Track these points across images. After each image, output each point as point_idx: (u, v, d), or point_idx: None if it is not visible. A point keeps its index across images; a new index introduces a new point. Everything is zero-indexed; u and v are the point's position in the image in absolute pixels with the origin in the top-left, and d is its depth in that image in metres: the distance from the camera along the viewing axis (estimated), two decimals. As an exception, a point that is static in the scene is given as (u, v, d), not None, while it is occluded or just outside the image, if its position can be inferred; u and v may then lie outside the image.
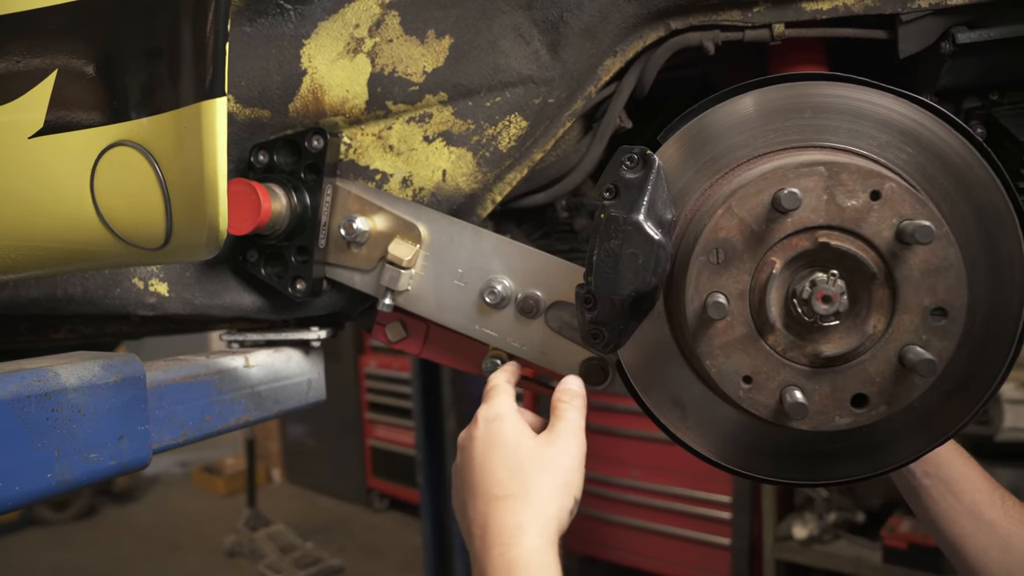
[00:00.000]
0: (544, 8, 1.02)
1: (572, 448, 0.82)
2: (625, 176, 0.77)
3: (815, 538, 3.51)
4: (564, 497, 0.79)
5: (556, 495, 0.78)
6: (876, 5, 0.98)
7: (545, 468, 0.79)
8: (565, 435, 0.83)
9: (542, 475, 0.79)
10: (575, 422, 0.85)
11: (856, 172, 0.69)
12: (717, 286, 0.72)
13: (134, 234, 0.80)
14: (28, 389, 0.78)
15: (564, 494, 0.79)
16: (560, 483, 0.79)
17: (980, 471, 0.96)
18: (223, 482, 6.30)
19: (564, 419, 0.85)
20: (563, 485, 0.79)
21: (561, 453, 0.81)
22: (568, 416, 0.85)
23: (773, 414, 0.72)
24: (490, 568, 0.73)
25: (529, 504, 0.76)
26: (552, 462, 0.80)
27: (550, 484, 0.78)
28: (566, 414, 0.86)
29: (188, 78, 0.70)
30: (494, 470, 0.81)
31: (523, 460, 0.80)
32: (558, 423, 0.85)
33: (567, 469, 0.80)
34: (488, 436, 0.84)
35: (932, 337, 0.70)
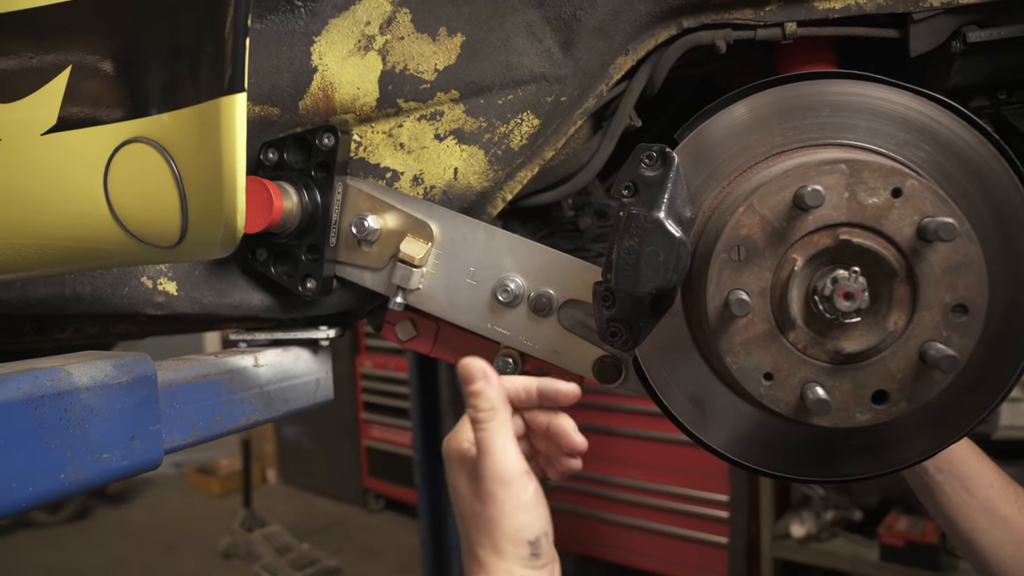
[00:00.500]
0: (557, 6, 1.02)
1: (500, 493, 0.73)
2: (644, 174, 0.77)
3: (812, 536, 3.53)
4: (512, 549, 0.73)
5: (502, 552, 0.73)
6: (888, 4, 0.99)
7: (480, 528, 0.75)
8: (487, 479, 0.74)
9: (481, 535, 0.74)
10: (498, 451, 0.75)
11: (878, 170, 0.69)
12: (738, 283, 0.72)
13: (148, 232, 0.80)
14: (41, 389, 0.77)
15: (510, 547, 0.73)
16: (501, 538, 0.73)
17: (993, 467, 0.96)
18: (218, 483, 6.27)
19: (483, 455, 0.75)
20: (504, 539, 0.73)
21: (490, 506, 0.74)
22: (485, 448, 0.75)
23: (794, 411, 0.72)
24: None
25: (481, 567, 0.74)
26: (486, 520, 0.74)
27: (491, 544, 0.73)
28: (486, 443, 0.76)
29: (207, 74, 0.69)
30: (457, 517, 0.80)
31: (467, 521, 0.77)
32: (479, 463, 0.76)
33: (502, 520, 0.73)
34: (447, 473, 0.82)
35: (953, 334, 0.70)
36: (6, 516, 0.75)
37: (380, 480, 5.88)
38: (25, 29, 0.76)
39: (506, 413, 0.78)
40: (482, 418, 0.76)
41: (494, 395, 0.77)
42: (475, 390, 0.77)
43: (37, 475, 0.76)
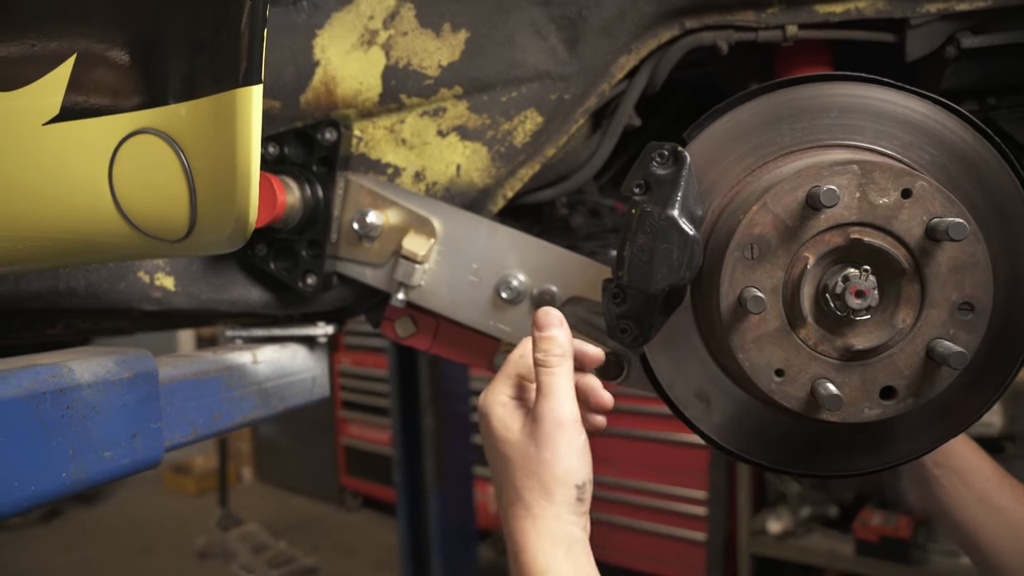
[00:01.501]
0: (562, 4, 1.02)
1: (558, 436, 0.75)
2: (656, 172, 0.78)
3: (789, 532, 3.58)
4: (562, 491, 0.75)
5: (552, 494, 0.75)
6: (887, 9, 1.01)
7: (531, 470, 0.76)
8: (546, 421, 0.76)
9: (532, 479, 0.75)
10: (560, 394, 0.77)
11: (888, 171, 0.70)
12: (751, 280, 0.73)
13: (153, 225, 0.78)
14: (43, 385, 0.75)
15: (560, 488, 0.75)
16: (552, 480, 0.75)
17: (989, 460, 0.99)
18: (193, 482, 6.18)
19: (545, 397, 0.77)
20: (556, 481, 0.75)
21: (545, 447, 0.75)
22: (550, 391, 0.77)
23: (804, 407, 0.74)
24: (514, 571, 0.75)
25: (528, 511, 0.75)
26: (539, 462, 0.75)
27: (541, 487, 0.75)
28: (550, 385, 0.78)
29: (222, 65, 0.68)
30: (495, 472, 0.81)
31: (511, 464, 0.78)
32: (539, 405, 0.78)
33: (556, 462, 0.75)
34: (483, 432, 0.83)
35: (959, 331, 0.72)
36: (7, 517, 0.73)
37: (357, 478, 5.85)
38: (28, 15, 0.74)
39: (571, 363, 0.80)
40: (552, 362, 0.79)
41: (567, 343, 0.81)
42: (551, 335, 0.80)
43: (38, 474, 0.74)
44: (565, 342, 0.80)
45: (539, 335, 0.81)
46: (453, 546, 3.95)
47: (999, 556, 0.94)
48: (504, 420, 0.80)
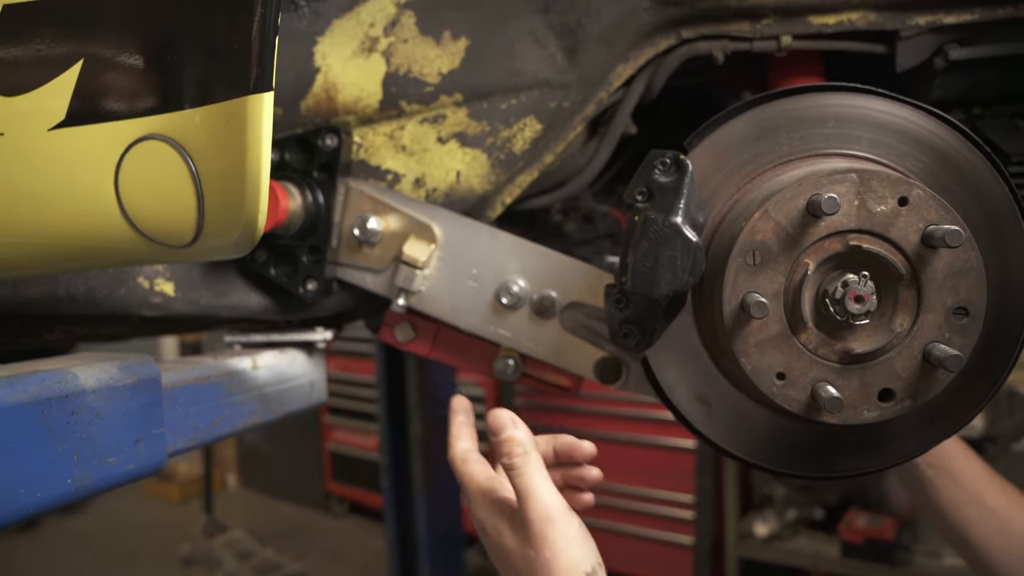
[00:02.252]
0: (561, 13, 1.04)
1: (550, 532, 0.74)
2: (658, 180, 0.79)
3: (776, 535, 3.62)
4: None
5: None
6: (878, 21, 1.03)
7: (540, 574, 0.74)
8: (534, 522, 0.74)
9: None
10: (539, 491, 0.76)
11: (886, 179, 0.72)
12: (753, 286, 0.74)
13: (160, 231, 0.78)
14: (48, 391, 0.75)
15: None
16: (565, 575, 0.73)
17: (980, 462, 1.01)
18: (176, 489, 6.12)
19: (526, 495, 0.76)
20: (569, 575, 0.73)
21: (543, 548, 0.74)
22: (527, 491, 0.76)
23: (805, 409, 0.75)
24: None
25: None
26: (541, 564, 0.73)
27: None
28: (526, 486, 0.76)
29: (232, 71, 0.69)
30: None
31: (517, 570, 0.76)
32: (522, 509, 0.76)
33: (557, 559, 0.73)
34: (485, 544, 0.82)
35: (954, 335, 0.74)
36: (12, 524, 0.72)
37: (344, 484, 5.82)
38: (35, 20, 0.74)
39: (538, 455, 0.79)
40: (517, 463, 0.77)
41: (525, 439, 0.79)
42: (507, 437, 0.79)
43: (44, 480, 0.74)
44: (524, 438, 0.79)
45: (496, 440, 0.80)
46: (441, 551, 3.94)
47: (990, 554, 0.96)
48: (497, 529, 0.79)
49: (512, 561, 0.77)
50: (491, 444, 0.81)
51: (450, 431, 0.88)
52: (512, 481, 0.78)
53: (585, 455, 0.86)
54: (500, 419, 0.81)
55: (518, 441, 0.79)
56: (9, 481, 0.70)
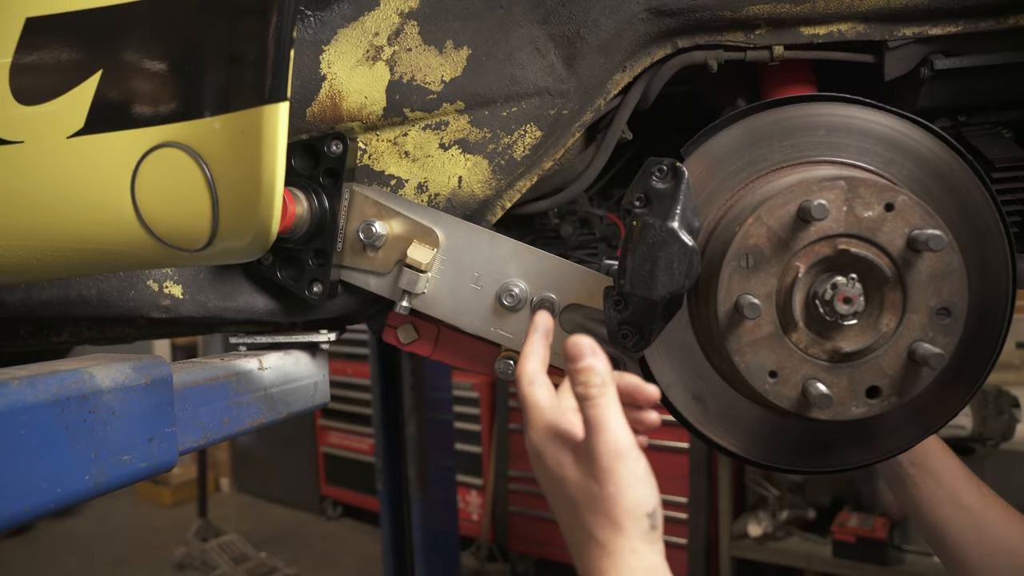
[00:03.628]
0: (561, 24, 1.07)
1: (618, 468, 0.71)
2: (655, 186, 0.82)
3: (769, 535, 3.65)
4: (634, 523, 0.71)
5: (625, 528, 0.71)
6: (866, 32, 1.07)
7: (599, 509, 0.72)
8: (604, 455, 0.72)
9: (601, 517, 0.72)
10: (612, 426, 0.72)
11: (873, 186, 0.76)
12: (747, 288, 0.78)
13: (175, 236, 0.81)
14: (67, 391, 0.77)
15: (632, 522, 0.71)
16: (623, 514, 0.71)
17: (958, 461, 1.05)
18: (169, 492, 6.11)
19: (597, 431, 0.72)
20: (626, 515, 0.71)
21: (608, 482, 0.71)
22: (600, 424, 0.73)
23: (796, 406, 0.78)
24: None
25: (603, 551, 0.71)
26: (604, 498, 0.71)
27: (612, 523, 0.71)
28: (599, 418, 0.73)
29: (248, 82, 0.71)
30: (559, 515, 0.77)
31: (576, 505, 0.74)
32: (592, 441, 0.73)
33: (622, 496, 0.71)
34: (538, 472, 0.78)
35: (938, 334, 0.77)
36: (34, 518, 0.75)
37: (338, 487, 5.82)
38: (56, 32, 0.77)
39: (614, 389, 0.75)
40: (594, 393, 0.73)
41: (605, 370, 0.75)
42: (586, 366, 0.75)
43: (63, 476, 0.76)
44: (604, 370, 0.75)
45: (575, 367, 0.76)
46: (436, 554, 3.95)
47: (964, 551, 1.00)
48: (557, 459, 0.76)
49: (571, 492, 0.74)
50: (567, 370, 0.77)
51: (524, 347, 0.85)
52: (585, 412, 0.74)
53: (648, 398, 0.81)
54: (580, 346, 0.76)
55: (597, 371, 0.74)
56: (31, 476, 0.73)
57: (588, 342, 0.77)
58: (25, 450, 0.73)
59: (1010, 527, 1.00)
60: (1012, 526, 1.00)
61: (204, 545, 4.93)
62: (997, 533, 1.00)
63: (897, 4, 1.04)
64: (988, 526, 1.01)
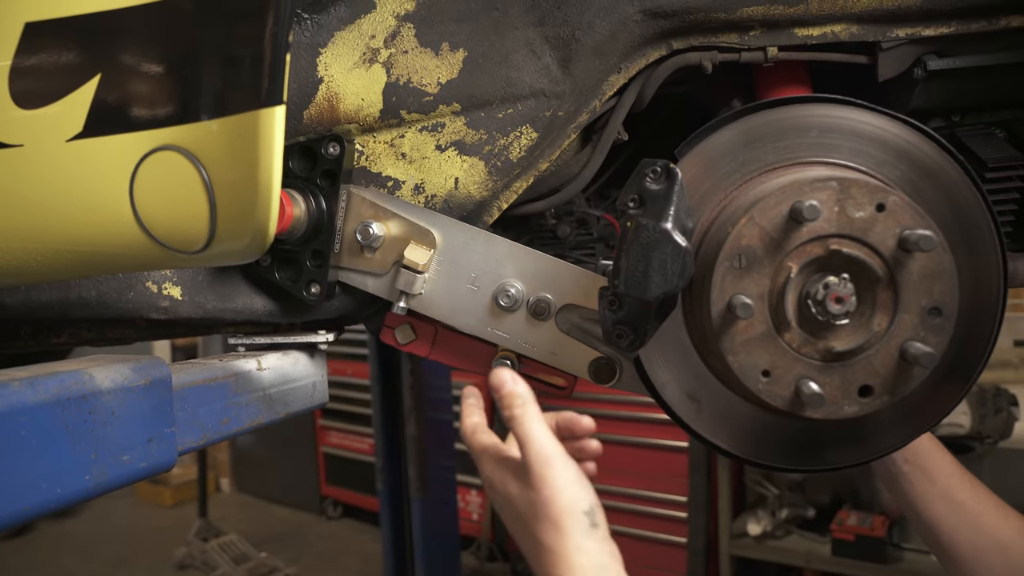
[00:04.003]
0: (556, 26, 1.07)
1: (548, 472, 0.78)
2: (649, 187, 0.83)
3: (768, 534, 3.66)
4: (573, 521, 0.76)
5: (564, 527, 0.76)
6: (860, 33, 1.08)
7: (539, 514, 0.77)
8: (534, 463, 0.78)
9: (542, 522, 0.77)
10: (537, 436, 0.80)
11: (864, 187, 0.77)
12: (740, 288, 0.78)
13: (173, 238, 0.82)
14: (67, 392, 0.78)
15: (569, 520, 0.76)
16: (560, 514, 0.76)
17: (952, 458, 1.05)
18: (170, 493, 6.12)
19: (526, 440, 0.80)
20: (563, 514, 0.76)
21: (542, 487, 0.77)
22: (527, 434, 0.80)
23: (789, 405, 0.79)
24: None
25: (551, 554, 0.75)
26: (541, 503, 0.77)
27: (553, 525, 0.76)
28: (525, 432, 0.81)
29: (244, 86, 0.72)
30: (515, 535, 0.83)
31: (522, 516, 0.80)
32: (523, 454, 0.80)
33: (556, 497, 0.77)
34: (495, 502, 0.86)
35: (929, 334, 0.78)
36: (35, 516, 0.76)
37: (338, 487, 5.83)
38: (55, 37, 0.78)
39: (536, 406, 0.84)
40: (517, 413, 0.82)
41: (524, 392, 0.84)
42: (508, 392, 0.84)
43: (64, 476, 0.77)
44: (522, 392, 0.84)
45: (498, 396, 0.85)
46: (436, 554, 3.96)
47: (958, 547, 1.01)
48: (503, 481, 0.83)
49: (516, 506, 0.81)
50: (495, 400, 0.86)
51: (462, 412, 0.95)
52: (513, 431, 0.82)
53: (585, 429, 0.92)
54: (500, 376, 0.86)
55: (517, 394, 0.84)
56: (32, 476, 0.74)
57: (507, 373, 0.86)
58: (25, 450, 0.73)
59: (1003, 524, 1.01)
60: (1005, 522, 1.01)
61: (205, 545, 4.94)
62: (990, 530, 1.01)
63: (890, 5, 1.05)
64: (981, 523, 1.02)
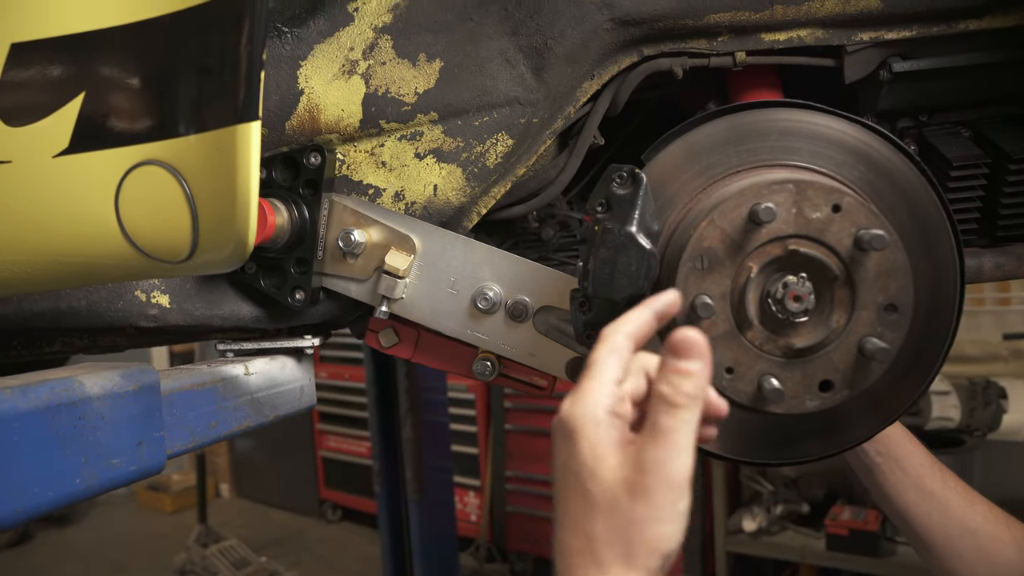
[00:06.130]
0: (529, 35, 1.10)
1: (662, 495, 0.60)
2: (616, 192, 0.86)
3: (763, 530, 3.69)
4: (648, 559, 0.60)
5: (635, 559, 0.60)
6: (825, 37, 1.11)
7: (618, 526, 0.60)
8: (655, 473, 0.60)
9: (615, 535, 0.60)
10: (678, 448, 0.61)
11: (820, 188, 0.80)
12: (702, 289, 0.81)
13: (158, 248, 0.85)
14: (58, 399, 0.81)
15: (646, 556, 0.60)
16: (641, 544, 0.60)
17: (923, 449, 1.09)
18: (170, 499, 6.15)
19: (660, 443, 0.61)
20: (644, 546, 0.60)
21: (643, 502, 0.60)
22: (668, 437, 0.61)
23: (752, 400, 0.82)
24: None
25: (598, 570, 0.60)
26: (630, 518, 0.60)
27: (625, 548, 0.60)
28: (666, 433, 0.62)
29: (222, 102, 0.75)
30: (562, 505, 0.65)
31: (593, 507, 0.62)
32: (649, 450, 0.61)
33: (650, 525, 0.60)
34: (562, 452, 0.65)
35: (885, 330, 0.81)
36: (27, 519, 0.78)
37: (337, 490, 5.86)
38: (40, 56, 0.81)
39: (699, 413, 0.64)
40: (681, 402, 0.63)
41: (704, 383, 0.64)
42: (689, 369, 0.64)
43: (55, 480, 0.80)
44: (703, 383, 0.64)
45: (674, 364, 0.64)
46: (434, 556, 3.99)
47: (929, 534, 1.04)
48: (598, 447, 0.63)
49: (595, 493, 0.62)
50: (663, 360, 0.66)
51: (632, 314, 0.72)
52: (658, 417, 0.63)
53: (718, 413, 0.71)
54: (692, 344, 0.64)
55: (697, 381, 0.64)
56: (23, 481, 0.76)
57: (703, 343, 0.65)
58: (17, 456, 0.76)
59: (970, 509, 1.04)
60: (972, 508, 1.04)
61: (205, 551, 4.96)
62: (959, 515, 1.05)
63: (852, 10, 1.08)
64: (950, 509, 1.05)
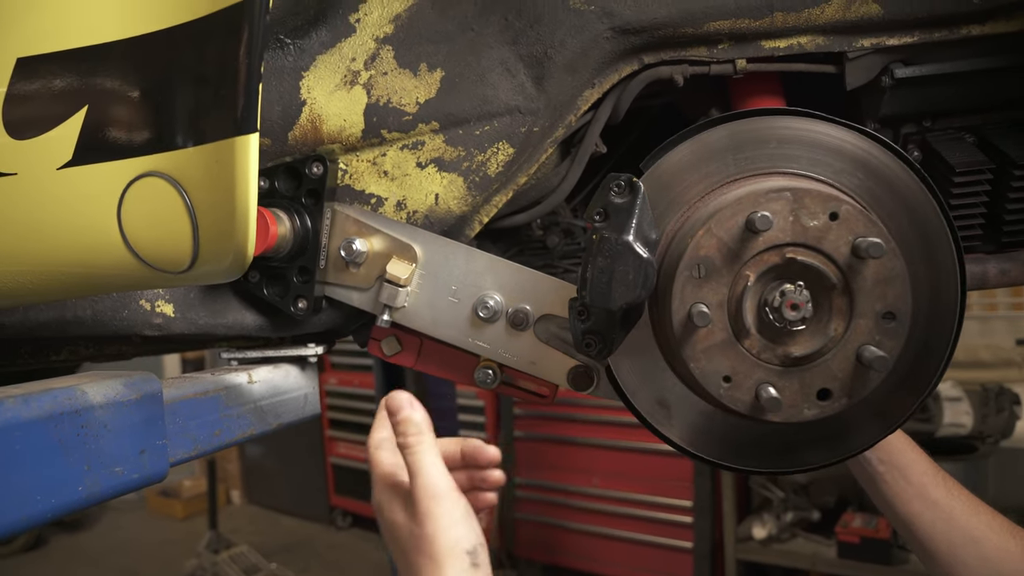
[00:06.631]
0: (529, 45, 1.11)
1: (436, 509, 0.80)
2: (614, 201, 0.86)
3: (773, 537, 3.67)
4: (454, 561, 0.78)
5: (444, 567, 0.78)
6: (825, 44, 1.11)
7: (421, 549, 0.79)
8: (422, 498, 0.80)
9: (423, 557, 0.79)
10: (428, 470, 0.82)
11: (817, 196, 0.80)
12: (699, 297, 0.81)
13: (159, 259, 0.86)
14: (61, 407, 0.82)
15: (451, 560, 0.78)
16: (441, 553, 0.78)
17: (926, 457, 1.08)
18: (181, 505, 6.18)
19: (415, 476, 0.82)
20: (445, 554, 0.78)
21: (427, 523, 0.79)
22: (418, 469, 0.83)
23: (750, 409, 0.82)
24: None
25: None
26: (424, 539, 0.79)
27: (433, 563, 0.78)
28: (416, 464, 0.83)
29: (222, 115, 0.76)
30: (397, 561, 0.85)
31: (404, 548, 0.82)
32: (412, 485, 0.82)
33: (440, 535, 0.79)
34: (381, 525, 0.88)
35: (884, 338, 0.80)
36: (30, 528, 0.79)
37: (347, 497, 5.87)
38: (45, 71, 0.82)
39: (431, 436, 0.86)
40: (411, 442, 0.85)
41: (420, 420, 0.87)
42: (403, 417, 0.87)
43: (58, 488, 0.81)
44: (419, 420, 0.86)
45: (394, 420, 0.87)
46: (444, 561, 3.98)
47: (934, 543, 1.03)
48: (391, 507, 0.84)
49: (399, 536, 0.83)
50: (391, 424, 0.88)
51: (374, 423, 0.97)
52: (406, 459, 0.84)
53: (489, 459, 0.94)
54: (398, 400, 0.88)
55: (413, 422, 0.86)
56: (27, 489, 0.77)
57: (405, 396, 0.88)
58: (21, 464, 0.77)
59: (975, 518, 1.04)
60: (976, 517, 1.04)
61: (215, 557, 4.98)
62: (962, 524, 1.04)
63: (853, 16, 1.08)
64: (954, 518, 1.05)
